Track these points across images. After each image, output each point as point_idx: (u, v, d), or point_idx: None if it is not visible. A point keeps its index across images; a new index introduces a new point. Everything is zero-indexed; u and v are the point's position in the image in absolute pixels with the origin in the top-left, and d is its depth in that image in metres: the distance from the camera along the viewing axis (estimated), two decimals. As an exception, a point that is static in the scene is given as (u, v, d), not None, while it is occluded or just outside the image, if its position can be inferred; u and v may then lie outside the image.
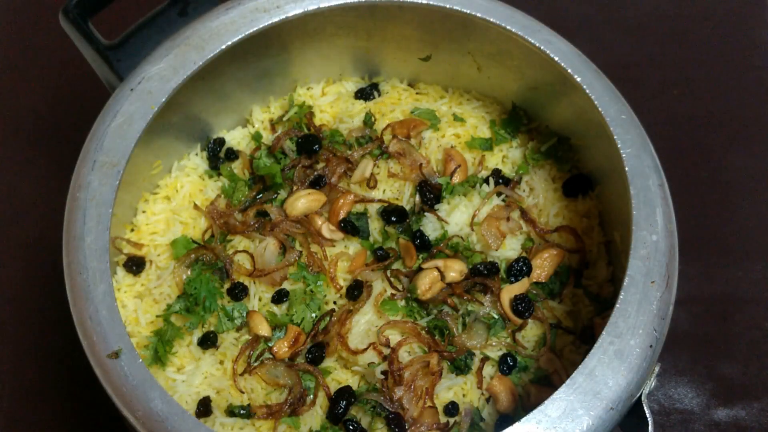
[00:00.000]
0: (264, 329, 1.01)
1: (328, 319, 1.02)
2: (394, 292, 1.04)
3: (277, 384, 0.99)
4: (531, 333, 1.02)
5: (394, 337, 1.00)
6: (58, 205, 0.98)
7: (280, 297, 1.04)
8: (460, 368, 0.99)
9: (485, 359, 1.00)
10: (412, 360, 0.98)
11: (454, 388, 0.99)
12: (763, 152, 1.42)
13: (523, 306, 1.01)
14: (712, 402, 1.22)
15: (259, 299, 1.05)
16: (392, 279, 1.04)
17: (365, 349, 0.99)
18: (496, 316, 1.02)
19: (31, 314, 1.29)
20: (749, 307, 1.29)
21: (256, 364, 1.00)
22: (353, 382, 1.00)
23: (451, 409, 0.97)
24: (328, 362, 1.02)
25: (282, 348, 1.01)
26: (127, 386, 0.85)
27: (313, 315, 1.03)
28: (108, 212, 0.94)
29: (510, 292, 1.02)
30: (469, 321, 1.02)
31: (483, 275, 1.04)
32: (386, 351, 0.99)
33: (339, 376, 1.01)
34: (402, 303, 1.04)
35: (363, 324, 1.02)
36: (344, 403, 0.96)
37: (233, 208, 1.11)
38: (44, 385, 1.24)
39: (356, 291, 1.04)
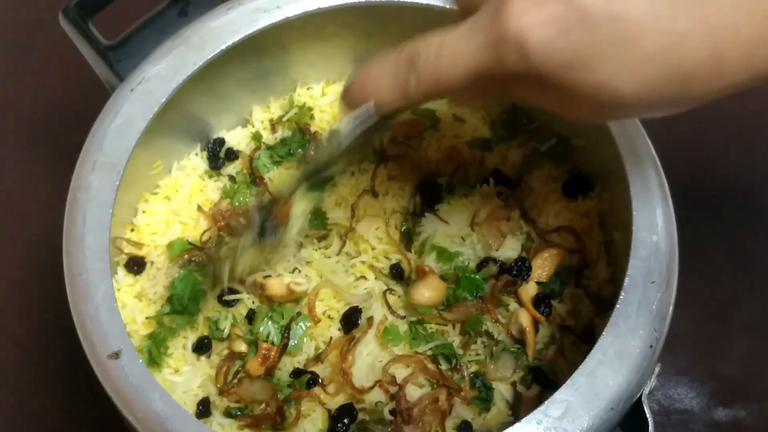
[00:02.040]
0: (240, 345, 1.00)
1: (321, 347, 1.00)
2: (391, 316, 1.01)
3: (255, 401, 0.97)
4: (540, 335, 1.01)
5: (400, 371, 0.97)
6: (58, 205, 0.97)
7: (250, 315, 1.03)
8: (482, 399, 0.97)
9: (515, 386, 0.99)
10: (421, 398, 0.95)
11: (471, 411, 0.97)
12: (764, 152, 1.42)
13: (544, 305, 1.01)
14: (712, 402, 1.22)
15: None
16: (390, 298, 1.02)
17: (371, 387, 0.96)
18: (510, 342, 1.00)
19: (31, 314, 1.29)
20: (749, 307, 1.29)
21: (234, 382, 0.98)
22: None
23: (465, 428, 0.95)
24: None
25: (254, 366, 0.98)
26: (127, 387, 0.85)
27: (278, 325, 1.01)
28: (108, 212, 0.94)
29: (527, 292, 1.01)
30: (497, 351, 1.00)
31: (513, 275, 1.03)
32: (393, 389, 0.96)
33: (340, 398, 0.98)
34: (404, 327, 1.01)
35: (366, 356, 0.99)
36: (347, 420, 0.94)
37: (235, 210, 1.10)
38: (44, 385, 1.24)
39: (353, 318, 1.01)
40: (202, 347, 1.01)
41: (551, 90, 0.70)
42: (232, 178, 1.14)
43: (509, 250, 1.07)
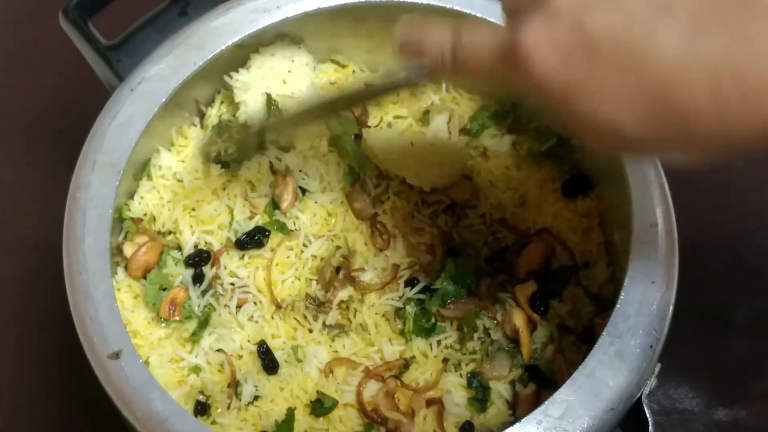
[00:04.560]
0: None
1: None
2: None
3: None
4: (538, 334, 1.01)
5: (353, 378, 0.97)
6: (58, 205, 0.97)
7: None
8: (479, 399, 0.97)
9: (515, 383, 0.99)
10: (373, 397, 0.95)
11: (468, 410, 0.98)
12: (764, 152, 1.42)
13: (540, 303, 1.01)
14: (712, 402, 1.22)
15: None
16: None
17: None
18: (505, 342, 1.01)
19: (31, 314, 1.29)
20: (749, 307, 1.29)
21: None
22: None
23: (467, 428, 0.95)
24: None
25: None
26: (127, 387, 0.85)
27: None
28: (108, 213, 0.95)
29: (524, 291, 1.02)
30: (492, 350, 1.00)
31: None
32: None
33: None
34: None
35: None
36: None
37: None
38: (44, 385, 1.24)
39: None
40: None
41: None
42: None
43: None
